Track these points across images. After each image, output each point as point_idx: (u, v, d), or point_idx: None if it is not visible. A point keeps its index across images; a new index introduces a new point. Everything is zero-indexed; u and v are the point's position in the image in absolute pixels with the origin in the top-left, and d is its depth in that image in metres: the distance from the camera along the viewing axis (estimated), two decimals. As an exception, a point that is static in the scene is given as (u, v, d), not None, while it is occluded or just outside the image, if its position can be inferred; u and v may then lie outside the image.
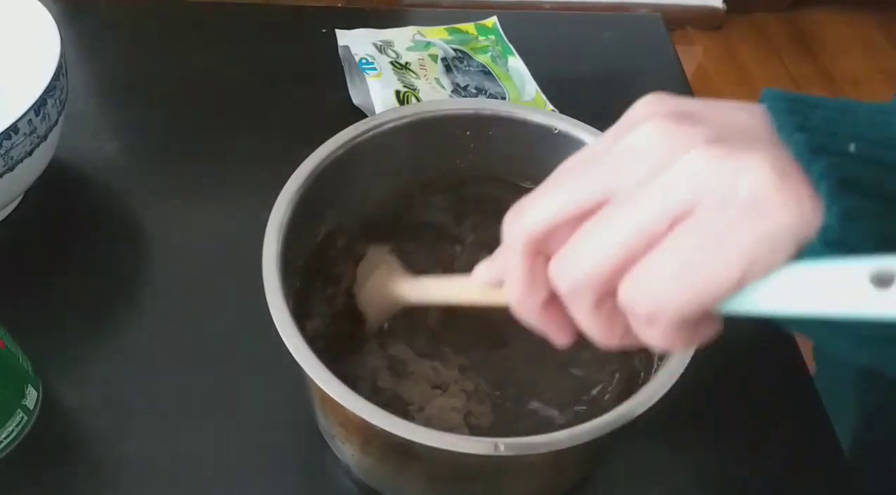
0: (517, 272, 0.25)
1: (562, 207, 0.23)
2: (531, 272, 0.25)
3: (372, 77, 0.56)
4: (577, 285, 0.23)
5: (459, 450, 0.30)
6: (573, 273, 0.23)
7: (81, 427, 0.43)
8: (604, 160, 0.23)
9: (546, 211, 0.24)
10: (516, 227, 0.25)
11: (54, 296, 0.48)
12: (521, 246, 0.24)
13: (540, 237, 0.24)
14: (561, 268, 0.24)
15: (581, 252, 0.23)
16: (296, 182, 0.38)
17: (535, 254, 0.25)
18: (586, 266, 0.22)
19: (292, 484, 0.42)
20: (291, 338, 0.32)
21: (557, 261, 0.24)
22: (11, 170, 0.45)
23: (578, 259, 0.23)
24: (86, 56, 0.64)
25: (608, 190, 0.22)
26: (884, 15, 1.98)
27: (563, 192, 0.24)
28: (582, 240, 0.23)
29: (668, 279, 0.21)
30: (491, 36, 0.64)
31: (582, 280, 0.23)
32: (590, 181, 0.23)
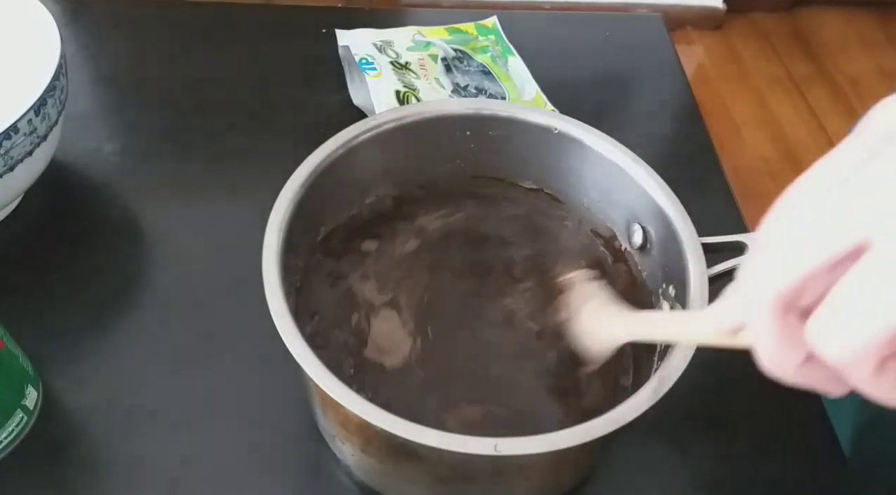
0: (768, 334, 0.22)
1: (816, 260, 0.20)
2: (784, 333, 0.22)
3: (372, 77, 0.56)
4: (851, 354, 0.20)
5: (459, 450, 0.30)
6: (843, 340, 0.20)
7: (81, 427, 0.43)
8: (853, 191, 0.20)
9: (798, 267, 0.20)
10: (762, 283, 0.21)
11: (54, 296, 0.48)
12: (769, 306, 0.21)
13: (791, 294, 0.21)
14: (826, 337, 0.20)
15: (849, 316, 0.20)
16: (296, 182, 0.38)
17: (786, 312, 0.21)
18: (858, 332, 0.19)
19: (292, 484, 0.42)
20: (291, 338, 0.32)
21: (819, 325, 0.20)
22: (11, 170, 0.45)
23: (847, 326, 0.20)
24: (86, 56, 0.64)
25: (863, 232, 0.19)
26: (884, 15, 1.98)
27: (814, 241, 0.20)
28: (847, 300, 0.20)
29: None
30: (491, 36, 0.64)
31: (855, 348, 0.20)
32: (844, 224, 0.20)
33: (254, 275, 0.34)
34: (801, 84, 1.81)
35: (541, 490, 0.40)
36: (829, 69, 1.85)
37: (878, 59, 1.89)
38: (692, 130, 0.63)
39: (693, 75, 1.80)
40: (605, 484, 0.42)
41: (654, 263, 0.41)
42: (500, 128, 0.43)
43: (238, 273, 0.39)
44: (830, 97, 1.78)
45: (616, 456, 0.43)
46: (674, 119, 0.65)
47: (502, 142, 0.43)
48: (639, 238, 0.41)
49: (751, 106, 1.75)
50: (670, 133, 0.64)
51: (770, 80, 1.82)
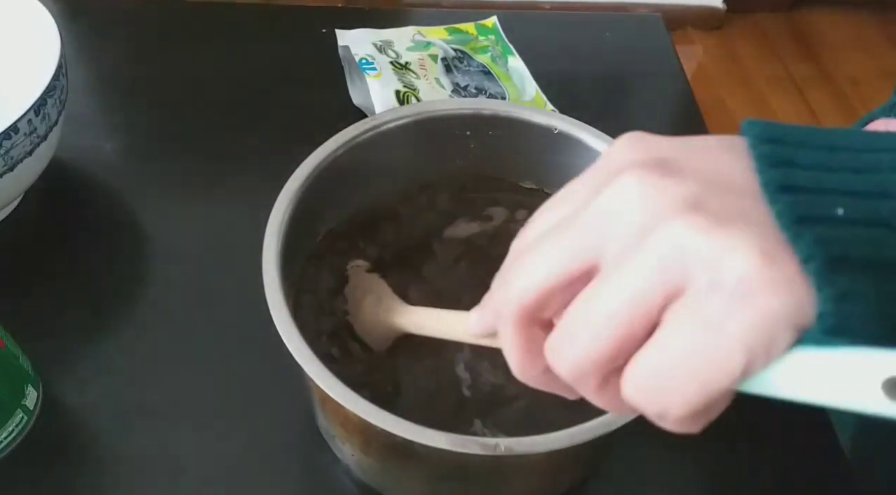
0: (513, 345, 0.24)
1: (549, 276, 0.22)
2: (527, 343, 0.23)
3: (372, 77, 0.56)
4: (577, 371, 0.22)
5: (459, 450, 0.30)
6: (570, 359, 0.22)
7: (81, 427, 0.43)
8: (585, 219, 0.22)
9: (534, 281, 0.22)
10: (506, 298, 0.23)
11: (54, 296, 0.48)
12: (513, 319, 0.23)
13: (531, 308, 0.23)
14: (557, 354, 0.22)
15: (575, 338, 0.21)
16: (296, 182, 0.38)
17: (529, 324, 0.23)
18: (582, 353, 0.21)
19: (292, 484, 0.42)
20: (291, 338, 0.32)
21: (552, 345, 0.22)
22: (11, 170, 0.45)
23: (574, 345, 0.21)
24: (86, 56, 0.64)
25: (594, 255, 0.21)
26: (884, 15, 1.98)
27: (548, 259, 0.22)
28: (574, 322, 0.22)
29: (668, 377, 0.20)
30: (491, 36, 0.64)
31: (581, 366, 0.22)
32: (574, 246, 0.22)
33: (254, 275, 0.34)
34: (801, 84, 1.81)
35: (541, 490, 0.40)
36: (829, 69, 1.85)
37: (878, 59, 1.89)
38: (692, 130, 0.63)
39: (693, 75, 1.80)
40: (605, 484, 0.42)
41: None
42: (500, 128, 0.43)
43: (238, 273, 0.39)
44: (830, 97, 1.78)
45: (616, 456, 0.43)
46: (674, 119, 0.65)
47: (502, 142, 0.43)
48: (639, 238, 0.41)
49: (751, 106, 1.75)
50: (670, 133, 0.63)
51: (770, 80, 1.82)
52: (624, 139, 0.24)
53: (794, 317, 0.19)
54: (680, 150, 0.23)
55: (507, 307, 0.23)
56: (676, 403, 0.20)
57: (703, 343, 0.19)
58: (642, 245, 0.20)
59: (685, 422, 0.21)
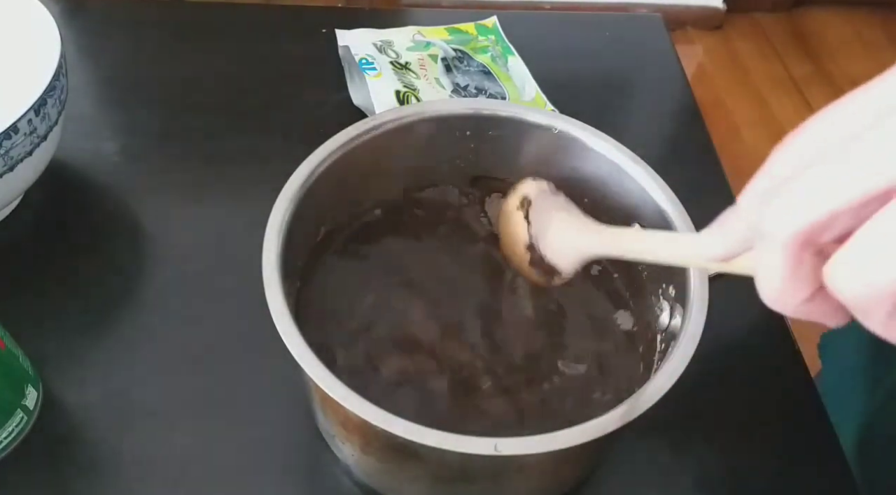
0: (778, 271, 0.21)
1: (842, 198, 0.20)
2: (796, 270, 0.21)
3: (372, 77, 0.56)
4: (871, 297, 0.20)
5: (459, 450, 0.30)
6: (866, 283, 0.20)
7: (81, 427, 0.43)
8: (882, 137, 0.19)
9: (824, 203, 0.20)
10: (784, 219, 0.21)
11: (54, 296, 0.48)
12: (786, 242, 0.21)
13: (814, 231, 0.20)
14: (845, 276, 0.20)
15: (875, 259, 0.19)
16: (296, 182, 0.38)
17: (803, 250, 0.21)
18: (879, 274, 0.19)
19: (292, 484, 0.42)
20: (291, 338, 0.32)
21: (839, 266, 0.20)
22: (11, 170, 0.45)
23: (871, 268, 0.20)
24: (86, 56, 0.64)
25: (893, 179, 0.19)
26: (884, 15, 1.98)
27: (843, 179, 0.20)
28: (873, 245, 0.19)
29: None
30: (491, 36, 0.64)
31: (876, 291, 0.20)
32: (871, 167, 0.19)
33: (254, 275, 0.34)
34: (801, 84, 1.81)
35: (541, 490, 0.40)
36: (829, 69, 1.85)
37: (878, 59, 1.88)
38: (692, 130, 0.63)
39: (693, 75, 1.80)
40: (605, 484, 0.42)
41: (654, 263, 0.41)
42: (500, 128, 0.43)
43: (238, 273, 0.39)
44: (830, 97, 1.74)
45: (616, 456, 0.43)
46: (674, 119, 0.65)
47: (502, 142, 0.43)
48: (639, 238, 0.41)
49: (751, 106, 1.75)
50: (670, 133, 0.64)
51: (770, 80, 1.82)
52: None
53: None
54: None
55: (786, 227, 0.21)
56: None
57: None
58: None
59: None
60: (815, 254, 0.21)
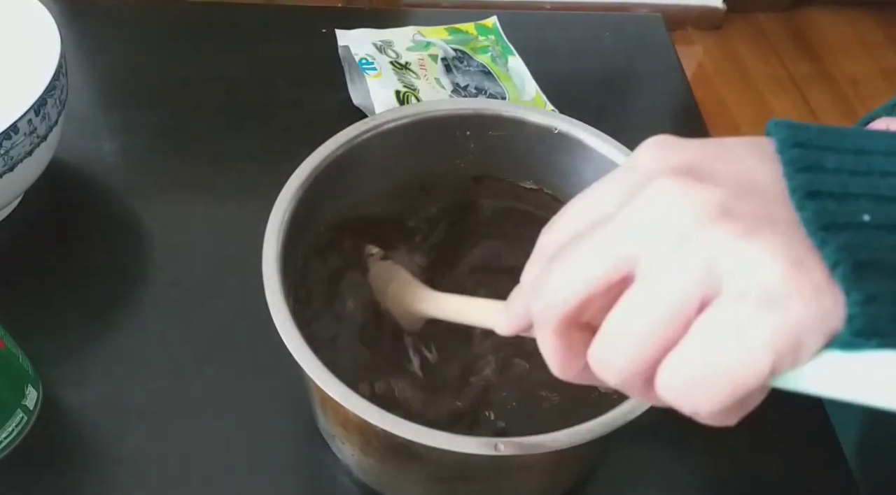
0: (555, 349, 0.24)
1: (589, 284, 0.22)
2: (568, 346, 0.24)
3: (372, 77, 0.56)
4: (623, 377, 0.23)
5: (459, 450, 0.30)
6: (617, 367, 0.22)
7: (81, 427, 0.43)
8: (621, 225, 0.22)
9: (574, 290, 0.23)
10: (545, 306, 0.24)
11: (54, 296, 0.48)
12: (554, 325, 0.24)
13: (572, 314, 0.23)
14: (602, 362, 0.23)
15: (620, 347, 0.22)
16: (296, 182, 0.38)
17: (569, 329, 0.24)
18: (628, 360, 0.22)
19: (292, 484, 0.42)
20: (291, 338, 0.32)
21: (597, 353, 0.23)
22: (11, 170, 0.45)
23: (620, 354, 0.22)
24: (86, 56, 0.64)
25: (632, 262, 0.22)
26: (884, 15, 1.98)
27: (588, 267, 0.22)
28: (617, 333, 0.22)
29: (698, 376, 0.21)
30: (491, 36, 0.64)
31: (627, 372, 0.22)
32: (613, 253, 0.22)
33: (254, 274, 0.34)
34: (801, 84, 1.81)
35: (541, 490, 0.40)
36: (829, 69, 1.85)
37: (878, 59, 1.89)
38: (692, 130, 0.63)
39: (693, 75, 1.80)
40: (605, 484, 0.42)
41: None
42: (500, 128, 0.43)
43: (238, 272, 0.40)
44: (830, 97, 1.78)
45: (616, 456, 0.43)
46: (674, 119, 0.65)
47: (502, 142, 0.43)
48: (639, 238, 0.41)
49: (751, 106, 1.75)
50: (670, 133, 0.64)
51: (770, 80, 1.82)
52: (652, 142, 0.24)
53: (820, 323, 0.19)
54: (708, 155, 0.23)
55: (546, 313, 0.24)
56: (708, 402, 0.21)
57: (733, 346, 0.20)
58: (680, 253, 0.21)
59: (719, 417, 0.22)
60: (583, 329, 0.24)
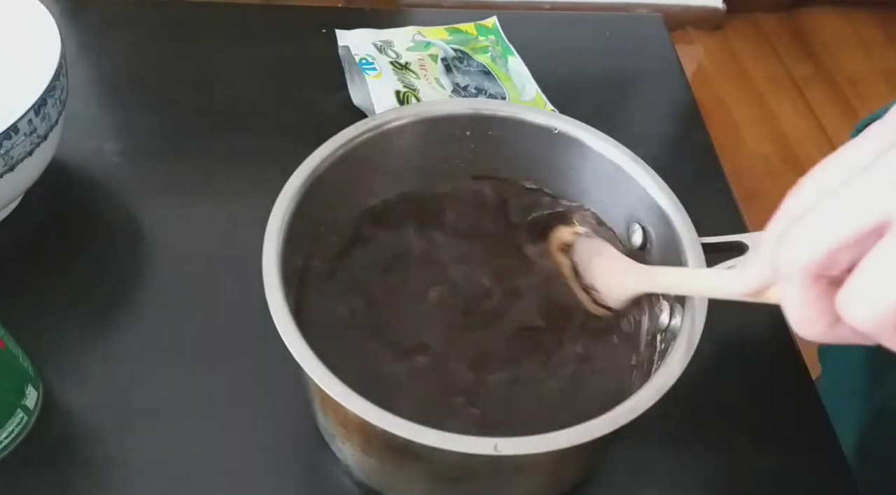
0: (798, 303, 0.24)
1: (842, 234, 0.22)
2: (814, 300, 0.24)
3: (372, 77, 0.56)
4: (880, 320, 0.22)
5: (459, 450, 0.30)
6: (874, 309, 0.22)
7: (81, 427, 0.43)
8: (877, 174, 0.22)
9: (826, 239, 0.22)
10: (791, 257, 0.23)
11: (54, 296, 0.48)
12: (800, 277, 0.23)
13: (823, 265, 0.23)
14: (855, 307, 0.22)
15: (875, 289, 0.21)
16: (296, 182, 0.38)
17: (816, 282, 0.23)
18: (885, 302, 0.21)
19: (292, 484, 0.42)
20: (291, 338, 0.32)
21: (849, 298, 0.22)
22: (11, 170, 0.45)
23: (872, 296, 0.21)
24: (86, 56, 0.64)
25: (884, 213, 0.21)
26: (884, 15, 1.98)
27: (841, 216, 0.22)
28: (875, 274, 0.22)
29: None
30: (491, 36, 0.64)
31: (884, 315, 0.21)
32: (868, 202, 0.22)
33: (254, 275, 0.34)
34: (801, 84, 1.81)
35: (541, 490, 0.40)
36: (829, 69, 1.85)
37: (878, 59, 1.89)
38: (692, 130, 0.63)
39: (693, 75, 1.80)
40: (605, 484, 0.42)
41: (654, 263, 0.41)
42: (500, 128, 0.43)
43: (238, 273, 0.39)
44: (830, 97, 1.78)
45: (616, 456, 0.43)
46: (674, 119, 0.65)
47: (502, 143, 0.43)
48: (639, 238, 0.41)
49: (751, 106, 1.76)
50: (670, 133, 0.64)
51: (770, 80, 1.82)
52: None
53: None
54: None
55: (792, 263, 0.23)
56: None
57: None
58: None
59: None
60: (830, 284, 0.23)
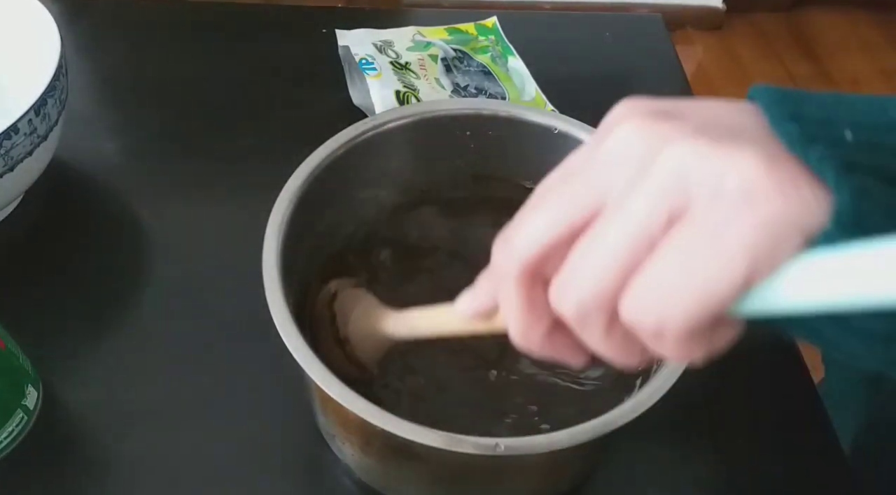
0: (515, 303, 0.23)
1: (551, 228, 0.22)
2: (530, 301, 0.23)
3: (372, 77, 0.56)
4: (584, 309, 0.21)
5: (459, 450, 0.30)
6: (577, 296, 0.21)
7: (81, 427, 0.43)
8: (585, 171, 0.22)
9: (536, 234, 0.22)
10: (507, 255, 0.23)
11: (54, 296, 0.48)
12: (515, 275, 0.22)
13: (534, 262, 0.22)
14: (563, 294, 0.22)
15: (581, 273, 0.21)
16: (296, 182, 0.38)
17: (531, 282, 0.23)
18: (589, 287, 0.21)
19: (292, 484, 0.42)
20: (291, 338, 0.32)
21: (557, 286, 0.22)
22: (11, 170, 0.45)
23: (579, 281, 0.21)
24: (86, 56, 0.64)
25: (596, 202, 0.21)
26: (884, 15, 1.98)
27: (550, 212, 0.22)
28: (579, 259, 0.21)
29: (668, 288, 0.19)
30: (491, 36, 0.64)
31: (588, 302, 0.21)
32: (575, 195, 0.21)
33: (254, 275, 0.34)
34: (801, 84, 1.81)
35: (541, 490, 0.40)
36: (829, 69, 1.85)
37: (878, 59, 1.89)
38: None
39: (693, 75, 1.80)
40: (605, 484, 0.42)
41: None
42: (500, 128, 0.43)
43: (238, 273, 0.39)
44: (828, 95, 1.78)
45: (616, 456, 0.43)
46: (674, 119, 0.65)
47: (502, 142, 0.43)
48: (639, 238, 0.41)
49: (751, 106, 1.75)
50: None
51: (770, 80, 1.82)
52: (621, 102, 0.24)
53: (800, 219, 0.18)
54: (680, 105, 0.23)
55: (508, 264, 0.23)
56: (675, 315, 0.19)
57: (705, 251, 0.19)
58: (643, 176, 0.20)
59: (685, 342, 0.20)
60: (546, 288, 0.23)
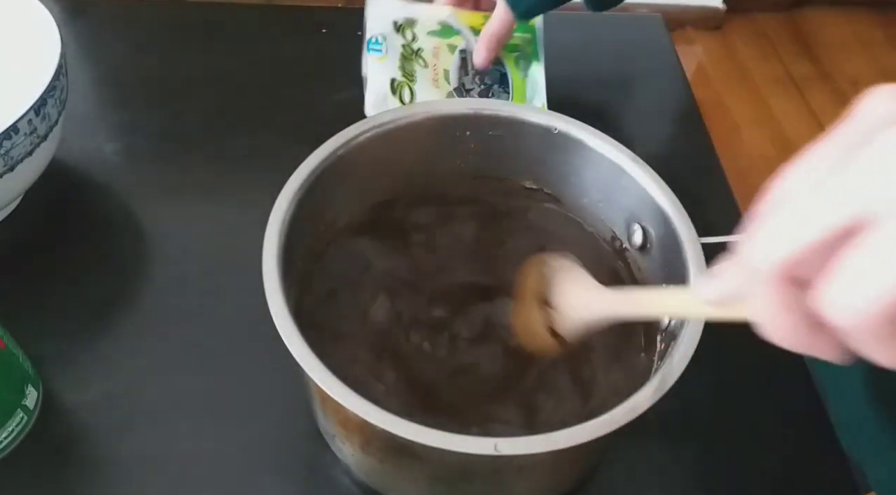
0: (774, 305, 0.23)
1: (815, 236, 0.21)
2: (788, 301, 0.23)
3: (374, 59, 0.56)
4: (864, 317, 0.21)
5: (459, 450, 0.30)
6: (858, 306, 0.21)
7: (81, 427, 0.43)
8: (849, 175, 0.21)
9: (798, 241, 0.22)
10: (765, 257, 0.23)
11: (54, 296, 0.48)
12: (774, 276, 0.22)
13: (795, 264, 0.22)
14: (836, 300, 0.21)
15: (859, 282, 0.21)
16: (296, 181, 0.38)
17: (789, 282, 0.23)
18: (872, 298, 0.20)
19: (292, 484, 0.42)
20: (291, 338, 0.32)
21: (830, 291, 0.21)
22: (11, 170, 0.45)
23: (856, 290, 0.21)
24: (86, 56, 0.64)
25: (863, 213, 0.21)
26: (884, 15, 1.98)
27: (812, 217, 0.21)
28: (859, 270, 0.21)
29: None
30: (528, 34, 0.61)
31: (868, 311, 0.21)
32: (840, 203, 0.21)
33: (254, 275, 0.34)
34: (801, 84, 1.81)
35: (541, 490, 0.40)
36: (829, 69, 1.85)
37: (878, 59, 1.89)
38: (692, 130, 0.63)
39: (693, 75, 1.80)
40: (605, 484, 0.42)
41: (654, 263, 0.41)
42: (500, 128, 0.43)
43: (238, 273, 0.39)
44: (830, 97, 1.78)
45: (616, 456, 0.43)
46: (674, 119, 0.65)
47: (502, 142, 0.43)
48: (639, 238, 0.42)
49: (751, 106, 1.75)
50: (670, 133, 0.64)
51: (770, 80, 1.82)
52: (876, 93, 0.23)
53: None
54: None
55: (764, 263, 0.23)
56: None
57: None
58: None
59: None
60: (800, 288, 0.22)
